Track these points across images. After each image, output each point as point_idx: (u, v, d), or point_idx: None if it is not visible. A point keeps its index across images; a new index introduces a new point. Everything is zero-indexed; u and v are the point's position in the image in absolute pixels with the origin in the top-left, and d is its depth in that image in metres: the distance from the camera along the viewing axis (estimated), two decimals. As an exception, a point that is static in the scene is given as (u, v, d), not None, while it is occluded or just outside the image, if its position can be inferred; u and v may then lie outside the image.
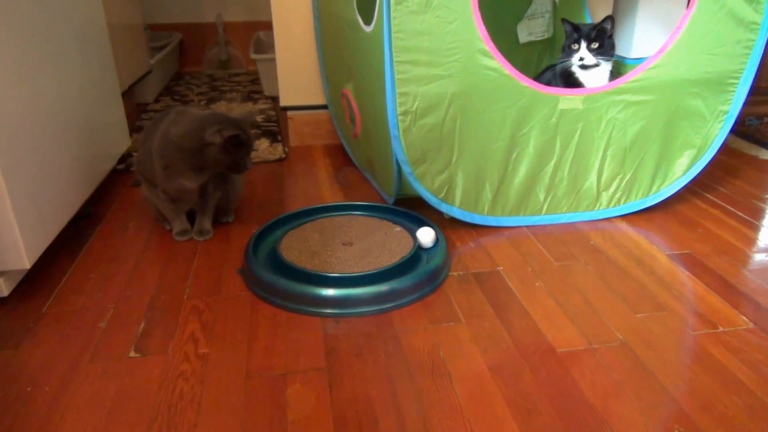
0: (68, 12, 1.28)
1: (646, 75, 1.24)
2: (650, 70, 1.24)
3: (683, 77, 1.25)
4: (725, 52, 1.24)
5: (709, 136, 1.31)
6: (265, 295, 1.05)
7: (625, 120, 1.27)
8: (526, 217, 1.31)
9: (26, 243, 1.00)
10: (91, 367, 0.89)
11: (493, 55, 1.15)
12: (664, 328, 0.96)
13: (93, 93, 1.39)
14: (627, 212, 1.34)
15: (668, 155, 1.32)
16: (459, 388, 0.84)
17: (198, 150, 1.12)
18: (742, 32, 1.23)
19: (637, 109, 1.26)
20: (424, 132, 1.18)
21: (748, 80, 1.27)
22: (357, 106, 1.48)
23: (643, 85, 1.25)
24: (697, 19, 1.21)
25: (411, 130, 1.18)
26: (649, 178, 1.33)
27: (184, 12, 2.91)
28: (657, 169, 1.33)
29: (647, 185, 1.34)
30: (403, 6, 1.09)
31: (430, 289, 1.07)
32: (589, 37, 1.38)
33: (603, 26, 1.38)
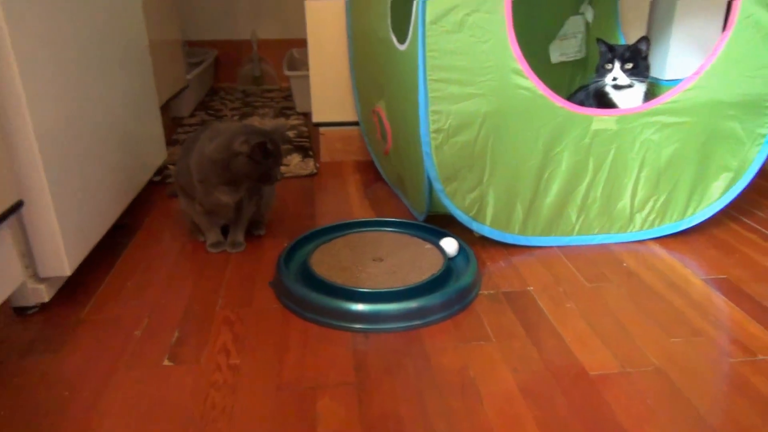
0: (113, 29, 1.32)
1: (681, 96, 1.23)
2: (686, 91, 1.23)
3: (720, 99, 1.24)
4: (763, 75, 1.23)
5: (746, 159, 1.29)
6: (296, 308, 1.06)
7: (660, 141, 1.26)
8: (558, 237, 1.30)
9: (68, 251, 1.03)
10: (127, 373, 0.90)
11: (526, 75, 1.16)
12: (700, 354, 0.94)
13: (133, 107, 1.43)
14: (661, 235, 1.32)
15: (704, 178, 1.30)
16: (489, 408, 0.83)
17: (228, 161, 1.15)
18: None
19: (673, 130, 1.25)
20: (456, 150, 1.19)
21: (788, 103, 1.25)
22: (389, 123, 1.49)
23: (678, 107, 1.24)
24: (734, 41, 1.20)
25: (443, 147, 1.18)
26: (684, 200, 1.31)
27: (220, 29, 2.98)
28: (692, 192, 1.31)
29: (682, 208, 1.32)
30: (437, 25, 1.10)
31: (460, 307, 1.07)
32: (623, 58, 1.38)
33: (638, 47, 1.38)
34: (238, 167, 1.15)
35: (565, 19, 1.90)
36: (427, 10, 1.09)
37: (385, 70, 1.46)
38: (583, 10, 1.89)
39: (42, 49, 0.99)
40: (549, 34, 1.90)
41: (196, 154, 1.19)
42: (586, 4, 1.88)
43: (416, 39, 1.14)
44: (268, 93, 2.88)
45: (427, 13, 1.09)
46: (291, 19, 2.93)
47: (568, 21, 1.90)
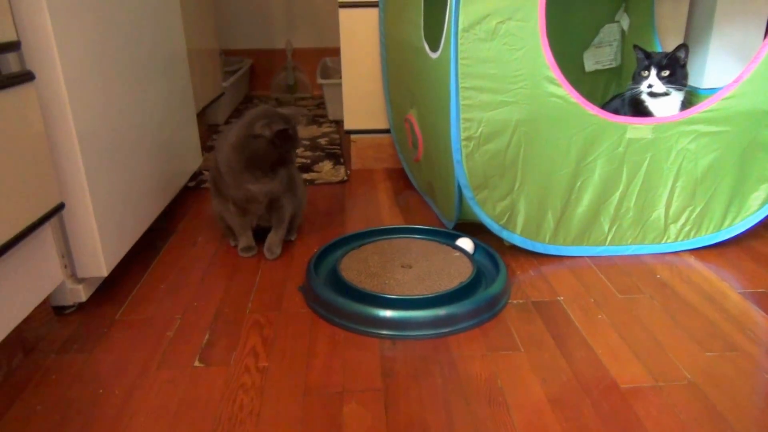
0: (154, 38, 1.37)
1: (720, 105, 1.20)
2: (725, 100, 1.20)
3: (761, 108, 1.21)
4: None
5: None
6: (324, 313, 1.07)
7: (697, 151, 1.23)
8: (590, 247, 1.28)
9: (105, 252, 1.06)
10: (159, 373, 0.92)
11: (559, 83, 1.15)
12: (736, 369, 0.92)
13: (172, 113, 1.47)
14: (697, 246, 1.29)
15: (743, 189, 1.27)
16: (516, 418, 0.82)
17: (248, 143, 1.17)
18: None
19: (710, 140, 1.22)
20: (487, 158, 1.19)
21: (829, 113, 1.21)
22: (420, 131, 1.50)
23: (716, 116, 1.21)
24: None
25: (474, 155, 1.18)
26: (721, 211, 1.28)
27: (256, 38, 3.04)
28: (730, 203, 1.28)
29: (719, 219, 1.28)
30: (470, 33, 1.10)
31: (488, 316, 1.06)
32: (660, 65, 1.36)
33: (676, 54, 1.35)
34: (257, 149, 1.17)
35: (601, 26, 1.88)
36: (460, 18, 1.09)
37: (417, 78, 1.46)
38: (619, 18, 1.87)
39: (86, 55, 1.02)
40: (584, 41, 1.88)
41: (221, 143, 1.23)
42: (621, 11, 1.86)
43: (449, 46, 1.14)
44: (302, 101, 2.91)
45: (461, 21, 1.09)
46: (325, 29, 2.97)
47: (603, 29, 1.88)
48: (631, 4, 1.84)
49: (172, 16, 1.51)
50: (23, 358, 0.96)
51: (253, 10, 2.99)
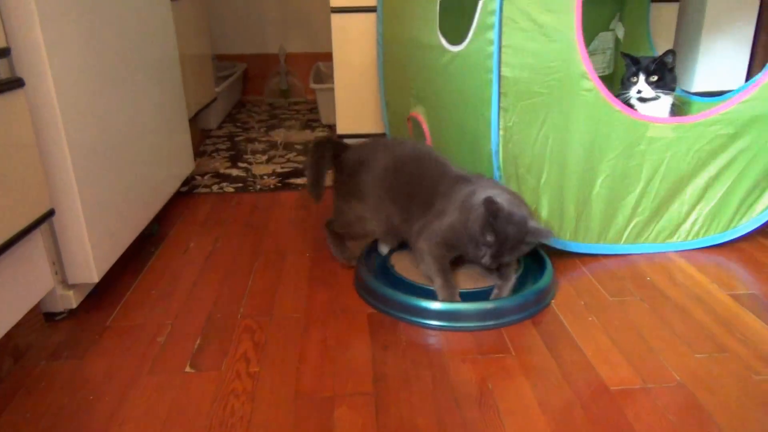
0: (146, 43, 1.37)
1: (737, 108, 1.21)
2: (743, 103, 1.21)
3: None
4: None
5: None
6: (380, 306, 1.11)
7: (713, 151, 1.23)
8: (607, 245, 1.28)
9: (96, 258, 1.06)
10: (149, 380, 0.92)
11: (591, 77, 1.15)
12: (725, 371, 0.92)
13: (163, 118, 1.47)
14: (704, 246, 1.30)
15: (754, 192, 1.28)
16: (507, 421, 0.82)
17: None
18: None
19: (726, 141, 1.23)
20: (517, 149, 1.18)
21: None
22: (428, 128, 1.49)
23: (733, 118, 1.22)
24: None
25: (508, 146, 1.17)
26: (731, 212, 1.29)
27: (249, 43, 3.04)
28: (740, 205, 1.29)
29: (727, 220, 1.30)
30: (512, 22, 1.10)
31: (536, 309, 1.10)
32: (648, 70, 1.37)
33: (663, 60, 1.37)
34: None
35: (596, 34, 1.89)
36: (504, 6, 1.09)
37: (426, 75, 1.45)
38: (614, 27, 1.88)
39: (76, 62, 1.02)
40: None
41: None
42: (616, 20, 1.87)
43: (481, 36, 1.13)
44: (295, 105, 2.92)
45: (505, 9, 1.09)
46: (318, 34, 2.98)
47: (599, 36, 1.89)
48: (626, 13, 1.85)
49: (163, 21, 1.51)
50: (13, 365, 0.96)
51: (247, 15, 2.99)
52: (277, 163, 1.98)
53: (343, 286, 1.19)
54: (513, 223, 1.02)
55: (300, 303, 1.13)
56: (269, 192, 1.73)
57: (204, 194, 1.71)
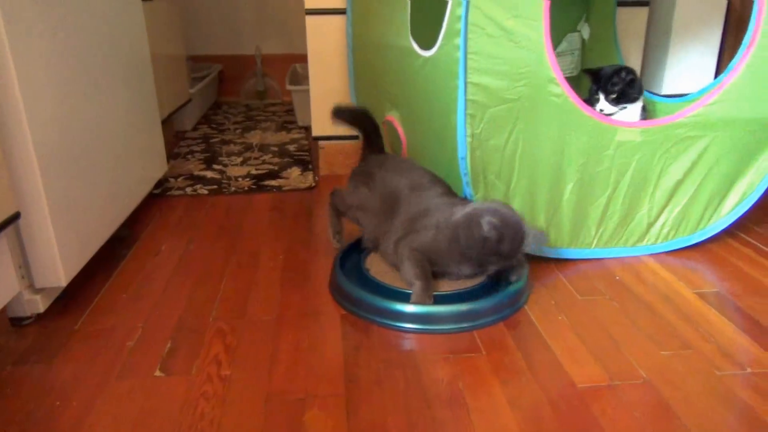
0: (115, 43, 1.35)
1: (703, 111, 1.23)
2: (708, 106, 1.23)
3: (741, 116, 1.24)
4: None
5: (758, 176, 1.28)
6: (354, 309, 1.11)
7: (679, 154, 1.26)
8: (578, 249, 1.30)
9: (64, 262, 1.04)
10: (118, 384, 0.91)
11: (559, 82, 1.16)
12: (689, 367, 0.94)
13: (133, 120, 1.45)
14: (673, 248, 1.33)
15: (719, 193, 1.30)
16: (476, 420, 0.83)
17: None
18: None
19: (692, 143, 1.25)
20: (486, 155, 1.19)
21: (803, 122, 1.25)
22: (403, 132, 1.50)
23: (699, 121, 1.24)
24: (757, 57, 1.19)
25: (475, 152, 1.18)
26: (698, 214, 1.31)
27: (225, 44, 3.02)
28: (707, 207, 1.31)
29: (695, 222, 1.32)
30: (479, 29, 1.10)
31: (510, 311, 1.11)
32: (607, 90, 1.41)
33: (617, 78, 1.40)
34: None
35: (564, 36, 1.91)
36: (470, 12, 1.09)
37: (400, 79, 1.46)
38: (580, 28, 1.91)
39: (41, 62, 1.01)
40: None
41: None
42: (583, 22, 1.90)
43: (450, 42, 1.14)
44: (272, 107, 2.91)
45: (471, 15, 1.10)
46: (294, 35, 2.97)
47: (566, 38, 1.92)
48: (592, 14, 1.88)
49: (134, 22, 1.50)
50: (-22, 371, 0.94)
51: (222, 16, 2.97)
52: (253, 165, 1.98)
53: (317, 288, 1.19)
54: (516, 240, 1.07)
55: (273, 305, 1.13)
56: (244, 194, 1.72)
57: (177, 196, 1.69)
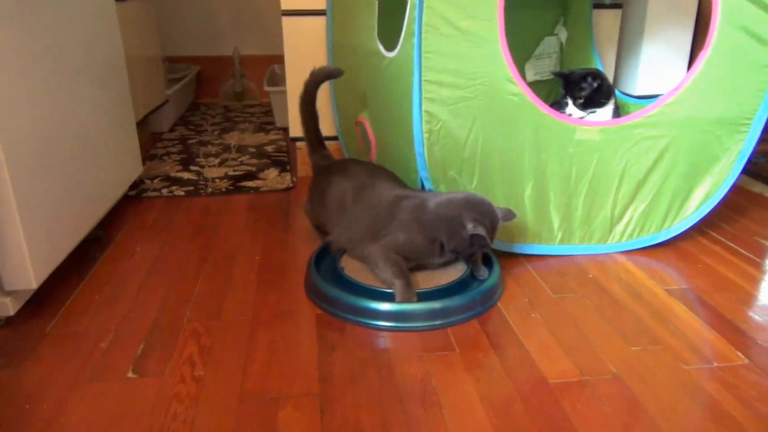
0: (88, 45, 1.34)
1: (662, 111, 1.26)
2: (666, 106, 1.25)
3: (698, 116, 1.26)
4: (740, 93, 1.25)
5: (722, 174, 1.31)
6: (329, 308, 1.11)
7: (640, 153, 1.28)
8: (541, 245, 1.32)
9: (34, 264, 1.03)
10: (89, 386, 0.91)
11: (516, 81, 1.18)
12: (658, 362, 0.96)
13: (107, 120, 1.44)
14: (639, 247, 1.35)
15: (682, 192, 1.33)
16: (449, 417, 0.84)
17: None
18: (757, 74, 1.24)
19: (652, 143, 1.27)
20: (446, 151, 1.20)
21: (762, 121, 1.27)
22: (373, 132, 1.51)
23: (658, 121, 1.26)
24: (712, 59, 1.22)
25: (434, 148, 1.20)
26: (662, 213, 1.34)
27: (203, 45, 3.00)
28: (671, 206, 1.33)
29: (660, 221, 1.34)
30: (434, 29, 1.12)
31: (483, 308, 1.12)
32: (574, 96, 1.43)
33: (585, 83, 1.42)
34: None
35: (541, 39, 1.94)
36: (424, 12, 1.11)
37: (370, 80, 1.47)
38: (558, 31, 1.94)
39: (10, 62, 1.00)
40: (526, 53, 1.94)
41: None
42: (560, 25, 1.93)
43: (409, 43, 1.16)
44: (250, 108, 2.89)
45: (425, 15, 1.12)
46: (272, 36, 2.96)
47: (544, 41, 1.94)
48: (569, 18, 1.90)
49: (107, 22, 1.48)
50: (-55, 376, 0.93)
51: (199, 17, 2.95)
52: (230, 166, 1.97)
53: (293, 289, 1.19)
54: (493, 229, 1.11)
55: (248, 306, 1.13)
56: (221, 195, 1.71)
57: (153, 198, 1.68)
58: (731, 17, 1.20)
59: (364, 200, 1.21)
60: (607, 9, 1.98)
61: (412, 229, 1.12)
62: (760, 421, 0.83)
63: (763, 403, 0.86)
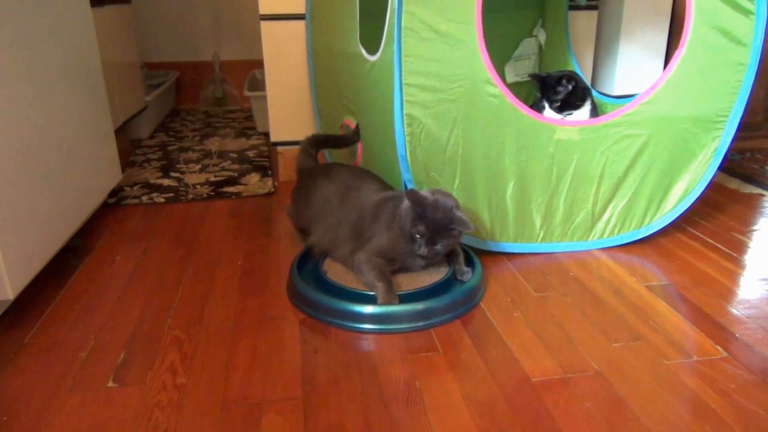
0: (63, 52, 1.32)
1: (639, 109, 1.27)
2: (643, 105, 1.27)
3: (675, 114, 1.28)
4: (715, 91, 1.28)
5: (699, 171, 1.33)
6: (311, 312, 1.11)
7: (619, 152, 1.30)
8: (524, 244, 1.32)
9: (10, 275, 1.01)
10: (69, 397, 0.89)
11: (495, 83, 1.19)
12: (639, 357, 0.97)
13: (83, 128, 1.42)
14: (620, 243, 1.36)
15: (660, 189, 1.34)
16: (433, 417, 0.84)
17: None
18: (730, 73, 1.26)
19: (630, 142, 1.29)
20: (428, 154, 1.21)
21: (736, 118, 1.29)
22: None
23: (635, 119, 1.28)
24: (687, 58, 1.24)
25: (416, 151, 1.21)
26: (642, 210, 1.35)
27: (182, 51, 2.98)
28: (650, 203, 1.35)
29: (640, 217, 1.36)
30: (413, 33, 1.13)
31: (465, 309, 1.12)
32: (550, 99, 1.45)
33: (561, 87, 1.44)
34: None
35: (520, 41, 1.95)
36: (403, 17, 1.12)
37: (353, 84, 1.48)
38: (536, 33, 1.96)
39: (-18, 71, 0.98)
40: (505, 55, 1.95)
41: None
42: (538, 27, 1.95)
43: (390, 47, 1.16)
44: (231, 114, 2.88)
45: (404, 20, 1.12)
46: (252, 41, 2.95)
47: (523, 43, 1.96)
48: (547, 19, 1.92)
49: (83, 29, 1.46)
50: None
51: (178, 22, 2.93)
52: (211, 172, 1.95)
53: (275, 294, 1.19)
54: (438, 209, 1.08)
55: (230, 312, 1.12)
56: (202, 201, 1.70)
57: (133, 205, 1.66)
58: (705, 17, 1.22)
59: (348, 202, 1.21)
60: (582, 10, 2.01)
61: (392, 230, 1.12)
62: (739, 412, 0.84)
63: (742, 395, 0.88)
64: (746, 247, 1.38)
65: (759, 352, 0.98)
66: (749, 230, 1.47)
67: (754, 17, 1.21)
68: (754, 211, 1.60)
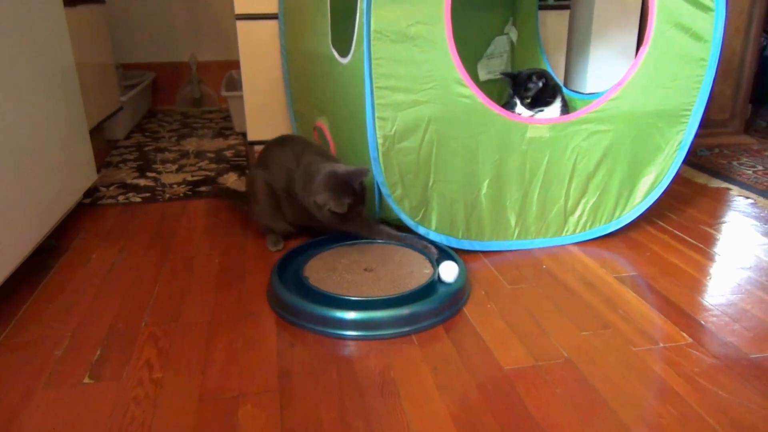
0: (34, 50, 1.31)
1: (606, 106, 1.31)
2: (610, 101, 1.30)
3: (640, 109, 1.32)
4: (678, 86, 1.31)
5: (665, 164, 1.37)
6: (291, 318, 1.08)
7: (589, 148, 1.32)
8: (499, 242, 1.35)
9: (-17, 273, 1.01)
10: (44, 394, 0.89)
11: (466, 84, 1.21)
12: (607, 345, 1.00)
13: (56, 129, 1.41)
14: (592, 237, 1.39)
15: (629, 182, 1.38)
16: (407, 406, 0.86)
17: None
18: (692, 68, 1.30)
19: (599, 137, 1.32)
20: (402, 156, 1.23)
21: (699, 112, 1.33)
22: (331, 137, 1.52)
23: (603, 116, 1.31)
24: (651, 55, 1.28)
25: (389, 153, 1.22)
26: (612, 204, 1.38)
27: (159, 52, 2.97)
28: (619, 196, 1.38)
29: (610, 211, 1.39)
30: (382, 35, 1.14)
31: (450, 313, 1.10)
32: (521, 95, 1.48)
33: (531, 84, 1.47)
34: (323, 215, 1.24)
35: (492, 39, 1.98)
36: (372, 20, 1.13)
37: (326, 86, 1.49)
38: (508, 30, 1.99)
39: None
40: (478, 52, 1.98)
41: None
42: (510, 24, 1.98)
43: (360, 50, 1.17)
44: (208, 114, 2.87)
45: (373, 23, 1.13)
46: (229, 41, 2.95)
47: (495, 41, 1.99)
48: (518, 17, 1.95)
49: (55, 29, 1.46)
50: None
51: (154, 22, 2.92)
52: (188, 172, 1.95)
53: (252, 290, 1.19)
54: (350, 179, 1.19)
55: (207, 308, 1.13)
56: (179, 200, 1.70)
57: (109, 205, 1.66)
58: (667, 14, 1.26)
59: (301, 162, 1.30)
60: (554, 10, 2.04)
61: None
62: (701, 394, 0.87)
63: (704, 378, 0.91)
64: (714, 239, 1.42)
65: (722, 338, 1.01)
66: (717, 223, 1.51)
67: (714, 14, 1.25)
68: (721, 204, 1.64)
